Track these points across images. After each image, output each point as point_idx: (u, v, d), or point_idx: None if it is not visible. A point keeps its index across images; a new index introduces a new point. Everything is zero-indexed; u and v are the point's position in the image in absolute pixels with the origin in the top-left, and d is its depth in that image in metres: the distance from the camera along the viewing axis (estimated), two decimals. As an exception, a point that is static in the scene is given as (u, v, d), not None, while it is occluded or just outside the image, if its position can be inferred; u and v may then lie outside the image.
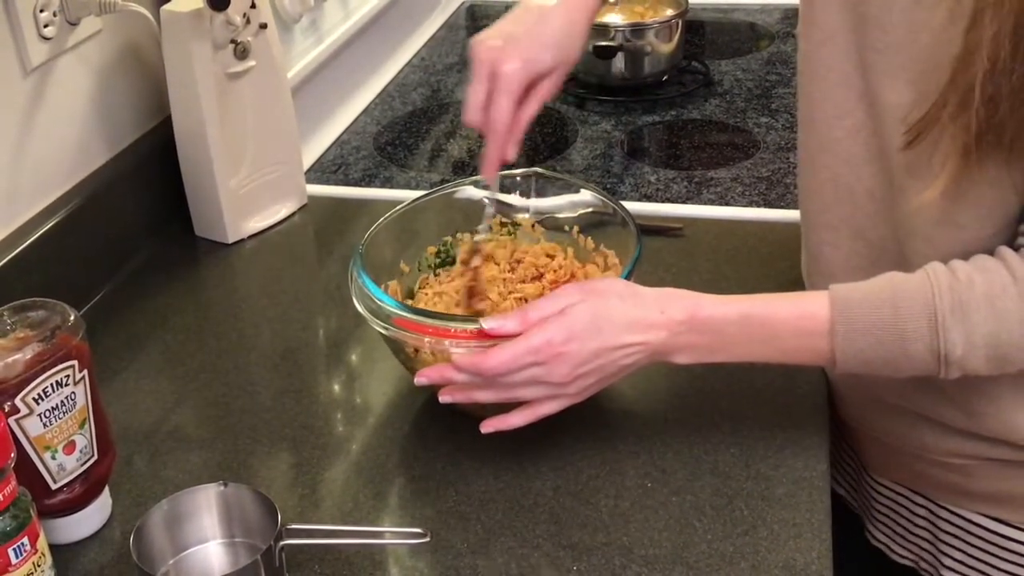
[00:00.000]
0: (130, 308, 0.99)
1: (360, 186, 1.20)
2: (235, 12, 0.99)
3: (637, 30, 1.35)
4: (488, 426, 0.72)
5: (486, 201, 0.88)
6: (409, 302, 0.85)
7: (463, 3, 1.78)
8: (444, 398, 0.72)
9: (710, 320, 0.70)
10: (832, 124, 0.75)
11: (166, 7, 0.99)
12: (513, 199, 0.95)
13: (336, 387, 0.89)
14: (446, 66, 1.55)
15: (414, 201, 0.90)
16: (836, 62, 0.73)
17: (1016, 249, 0.67)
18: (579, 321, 0.70)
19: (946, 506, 0.84)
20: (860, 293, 0.68)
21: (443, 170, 1.24)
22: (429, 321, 0.73)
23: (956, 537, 0.84)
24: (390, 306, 0.75)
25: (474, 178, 0.93)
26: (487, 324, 0.70)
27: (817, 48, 0.75)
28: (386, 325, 0.74)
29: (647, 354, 0.71)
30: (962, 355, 0.66)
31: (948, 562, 0.85)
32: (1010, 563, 0.81)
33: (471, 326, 0.71)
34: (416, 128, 1.35)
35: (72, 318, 0.69)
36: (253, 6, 1.02)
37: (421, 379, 0.72)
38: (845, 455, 0.94)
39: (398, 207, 0.88)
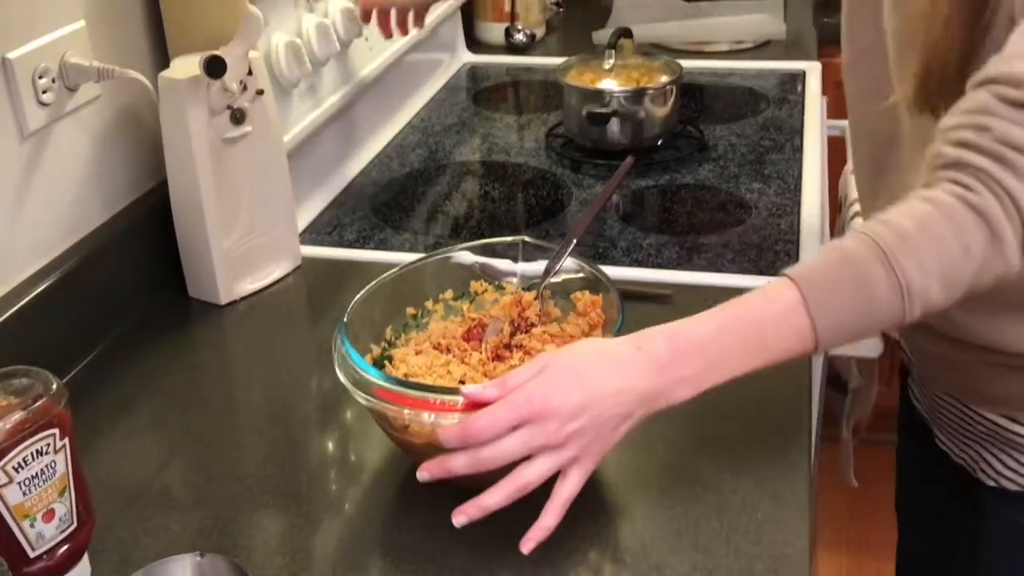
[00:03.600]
0: (121, 369, 1.00)
1: (355, 248, 1.21)
2: (232, 79, 1.01)
3: (632, 96, 1.37)
4: (460, 514, 0.70)
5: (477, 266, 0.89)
6: (387, 365, 0.85)
7: (464, 65, 1.81)
8: (422, 475, 0.71)
9: (690, 342, 0.70)
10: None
11: (164, 74, 1.01)
12: (501, 264, 0.96)
13: (320, 454, 0.89)
14: (445, 127, 1.57)
15: (401, 268, 0.90)
16: None
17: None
18: (557, 375, 0.69)
19: (976, 408, 0.95)
20: (813, 262, 0.71)
21: (438, 233, 1.25)
22: (410, 392, 0.73)
23: (989, 437, 0.96)
24: (371, 376, 0.75)
25: (466, 244, 0.95)
26: (467, 390, 0.71)
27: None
28: (367, 396, 0.75)
29: (639, 401, 0.69)
30: (920, 284, 0.68)
31: (988, 458, 0.97)
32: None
33: (452, 398, 0.72)
34: (413, 189, 1.37)
35: (55, 386, 0.70)
36: (250, 73, 1.04)
37: (423, 474, 0.71)
38: (918, 374, 1.07)
39: (385, 275, 0.89)
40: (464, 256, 0.94)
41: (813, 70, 1.68)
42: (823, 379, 1.22)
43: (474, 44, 1.87)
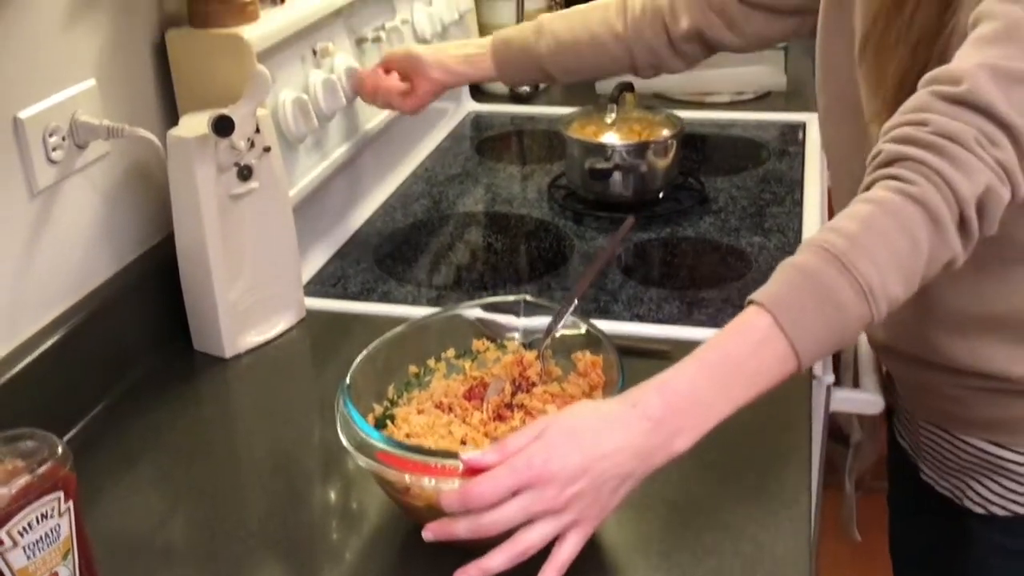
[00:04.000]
0: (126, 423, 1.01)
1: (359, 300, 1.23)
2: (239, 137, 1.02)
3: (634, 150, 1.39)
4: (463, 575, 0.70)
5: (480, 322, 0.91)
6: (389, 424, 0.86)
7: (468, 114, 1.83)
8: (427, 535, 0.72)
9: (680, 392, 0.71)
10: None
11: (172, 132, 1.02)
12: (503, 319, 0.97)
13: (323, 509, 0.90)
14: (449, 177, 1.58)
15: (404, 327, 0.92)
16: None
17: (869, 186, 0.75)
18: (556, 438, 0.70)
19: (959, 435, 1.00)
20: (775, 284, 0.73)
21: (441, 285, 1.26)
22: (411, 456, 0.74)
23: (973, 464, 1.00)
24: (373, 439, 0.76)
25: (468, 303, 0.96)
26: (467, 456, 0.71)
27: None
28: (368, 460, 0.75)
29: (639, 458, 0.70)
30: (880, 282, 0.70)
31: (973, 486, 1.01)
32: (1011, 481, 0.98)
33: (453, 462, 0.72)
34: (416, 241, 1.38)
35: (60, 449, 0.71)
36: (258, 130, 1.05)
37: (428, 535, 0.72)
38: (900, 406, 1.12)
39: (387, 334, 0.90)
40: (467, 313, 0.96)
41: (813, 121, 1.68)
42: (824, 434, 1.22)
43: (478, 93, 1.90)
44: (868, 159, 0.78)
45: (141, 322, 1.09)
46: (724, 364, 0.72)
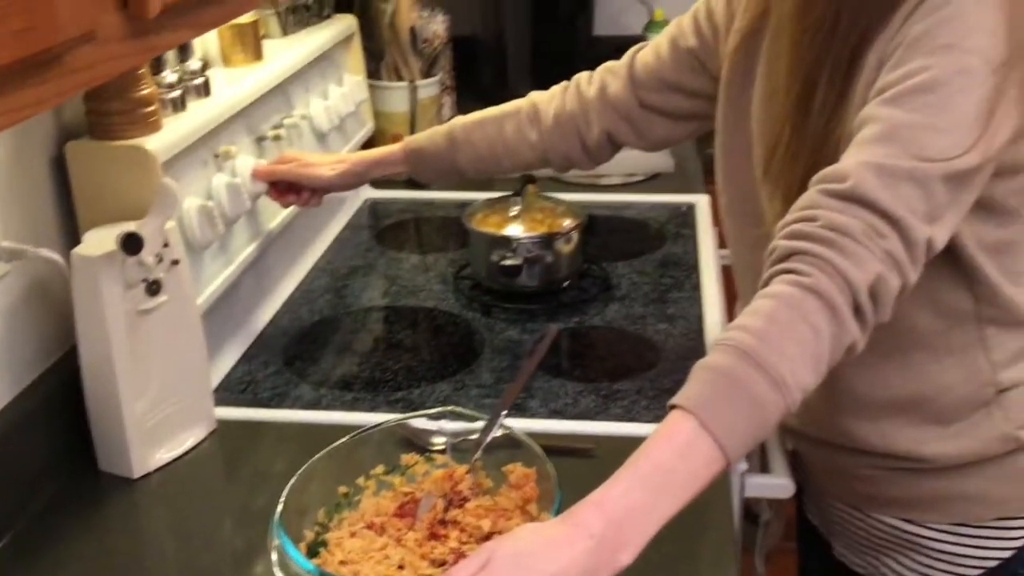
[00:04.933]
0: (28, 557, 0.95)
1: (270, 407, 1.20)
2: (148, 253, 1.00)
3: (540, 242, 1.41)
4: None
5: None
6: (322, 551, 0.84)
7: (366, 201, 1.83)
8: None
9: (619, 507, 0.72)
10: None
11: (77, 250, 0.99)
12: (430, 428, 0.97)
13: (251, 642, 0.87)
14: (351, 269, 1.57)
15: (330, 449, 0.90)
16: None
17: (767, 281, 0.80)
18: (502, 565, 0.70)
19: (872, 514, 1.05)
20: (694, 387, 0.76)
21: (354, 387, 1.25)
22: (353, 591, 0.72)
23: (886, 541, 1.05)
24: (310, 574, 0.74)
25: (394, 419, 0.95)
26: None
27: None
28: (309, 598, 0.73)
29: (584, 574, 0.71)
30: (791, 373, 0.75)
31: (888, 563, 1.06)
32: (926, 557, 1.03)
33: (397, 596, 0.71)
34: (324, 338, 1.36)
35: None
36: (166, 244, 1.03)
37: None
38: (810, 485, 1.16)
39: (315, 457, 0.89)
40: (392, 427, 0.95)
41: (702, 202, 1.76)
42: (740, 521, 1.25)
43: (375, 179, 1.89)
44: (765, 255, 0.82)
45: (42, 446, 1.04)
46: (657, 472, 0.74)
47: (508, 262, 1.37)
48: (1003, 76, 0.82)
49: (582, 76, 1.26)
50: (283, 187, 1.31)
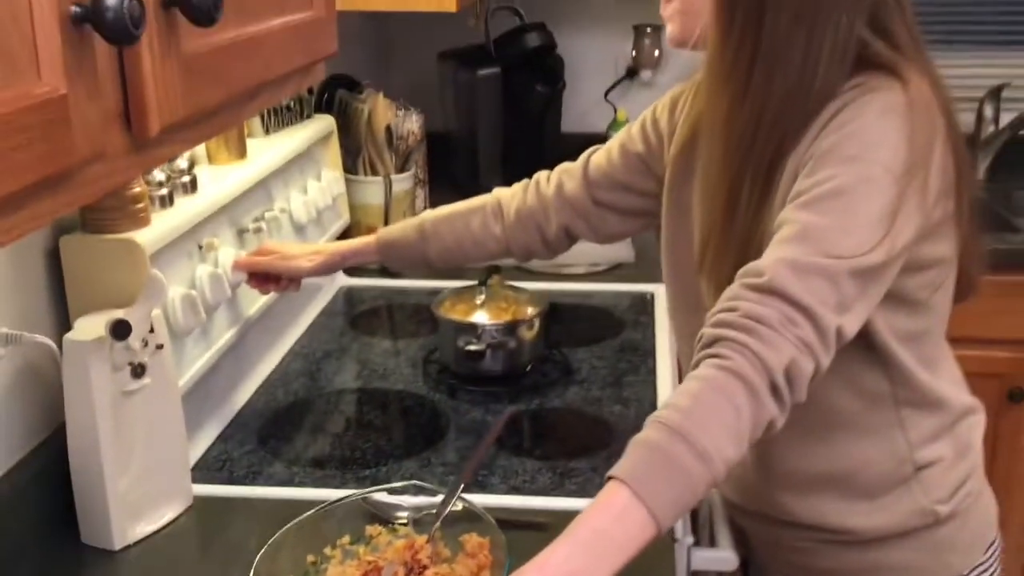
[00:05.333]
0: (14, 625, 1.01)
1: (244, 484, 1.26)
2: (135, 339, 1.08)
3: (504, 329, 1.50)
4: None
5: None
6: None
7: (341, 288, 1.92)
8: None
9: (559, 570, 0.79)
10: None
11: (69, 336, 1.07)
12: (394, 502, 1.04)
13: None
14: (325, 353, 1.65)
15: (299, 520, 0.97)
16: None
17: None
18: None
19: None
20: (629, 461, 0.84)
21: (325, 465, 1.32)
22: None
23: None
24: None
25: (359, 491, 1.02)
26: None
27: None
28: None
29: None
30: (714, 447, 0.83)
31: None
32: None
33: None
34: (298, 419, 1.44)
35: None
36: (152, 330, 1.11)
37: None
38: (754, 559, 1.24)
39: (285, 527, 0.96)
40: (358, 501, 1.02)
41: (660, 291, 1.86)
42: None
43: (349, 268, 1.99)
44: (695, 342, 0.92)
45: (29, 519, 1.10)
46: (594, 538, 0.82)
47: (472, 347, 1.46)
48: (904, 184, 0.93)
49: (542, 175, 1.38)
50: (262, 276, 1.40)
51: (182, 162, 1.32)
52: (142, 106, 0.65)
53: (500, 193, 1.39)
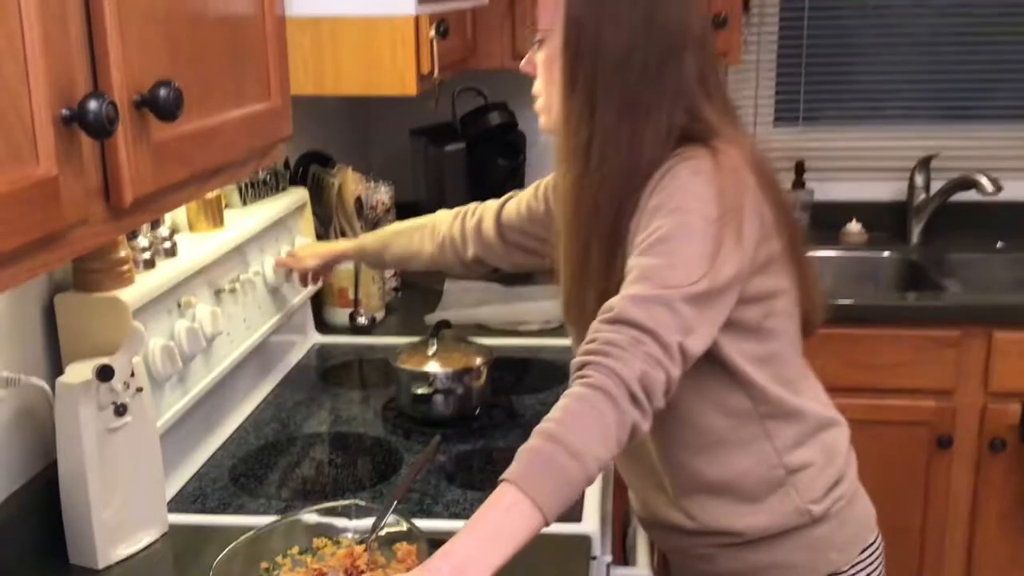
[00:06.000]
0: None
1: (215, 513, 1.42)
2: (118, 381, 1.25)
3: (452, 376, 1.67)
4: None
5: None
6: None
7: (314, 345, 2.09)
8: None
9: (460, 553, 0.96)
10: None
11: (61, 379, 1.24)
12: (339, 522, 1.20)
13: None
14: (296, 402, 1.82)
15: (256, 531, 1.13)
16: None
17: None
18: None
19: None
20: (515, 465, 1.02)
21: (289, 496, 1.48)
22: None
23: None
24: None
25: (309, 508, 1.18)
26: None
27: None
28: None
29: None
30: (583, 448, 1.01)
31: None
32: None
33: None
34: (267, 460, 1.60)
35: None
36: (132, 374, 1.28)
37: None
38: (670, 573, 1.41)
39: (242, 537, 1.12)
40: (308, 517, 1.18)
41: (607, 345, 2.03)
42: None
43: (322, 326, 2.17)
44: (571, 370, 1.11)
45: (24, 543, 1.26)
46: (487, 528, 0.99)
47: (421, 391, 1.63)
48: (718, 228, 1.13)
49: (470, 208, 1.67)
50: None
51: (164, 230, 1.51)
52: (118, 183, 0.83)
53: (439, 217, 1.71)
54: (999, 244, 2.68)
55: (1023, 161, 2.73)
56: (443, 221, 1.68)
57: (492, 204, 1.64)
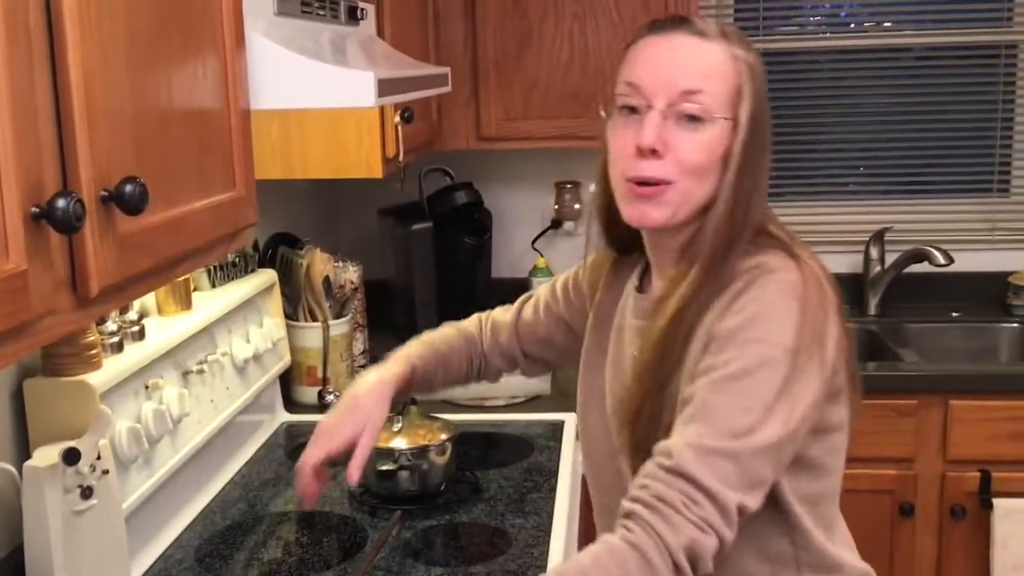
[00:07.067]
0: None
1: (181, 595, 1.43)
2: (84, 464, 1.27)
3: (417, 452, 1.70)
4: None
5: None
6: None
7: (282, 424, 2.11)
8: None
9: None
10: None
11: (28, 463, 1.26)
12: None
13: None
14: (263, 482, 1.83)
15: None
16: None
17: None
18: None
19: None
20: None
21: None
22: None
23: None
24: None
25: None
26: None
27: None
28: None
29: None
30: None
31: None
32: None
33: None
34: (233, 540, 1.61)
35: None
36: (99, 457, 1.30)
37: None
38: None
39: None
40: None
41: (570, 419, 2.07)
42: None
43: (291, 404, 2.19)
44: (619, 510, 1.03)
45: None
46: None
47: (385, 467, 1.65)
48: (802, 359, 1.04)
49: (486, 325, 1.53)
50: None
51: (132, 314, 1.54)
52: (85, 275, 0.87)
53: (471, 332, 1.52)
54: (954, 314, 2.75)
55: (974, 233, 2.82)
56: (476, 339, 1.53)
57: (506, 316, 1.52)
